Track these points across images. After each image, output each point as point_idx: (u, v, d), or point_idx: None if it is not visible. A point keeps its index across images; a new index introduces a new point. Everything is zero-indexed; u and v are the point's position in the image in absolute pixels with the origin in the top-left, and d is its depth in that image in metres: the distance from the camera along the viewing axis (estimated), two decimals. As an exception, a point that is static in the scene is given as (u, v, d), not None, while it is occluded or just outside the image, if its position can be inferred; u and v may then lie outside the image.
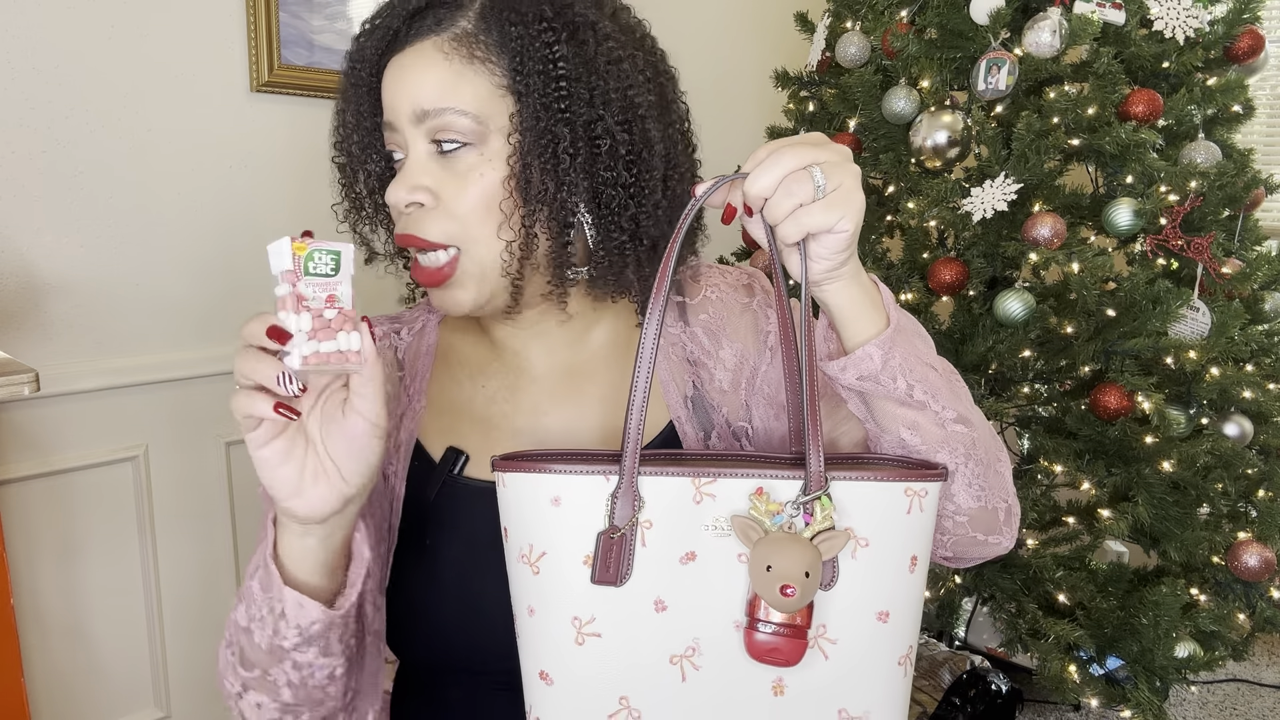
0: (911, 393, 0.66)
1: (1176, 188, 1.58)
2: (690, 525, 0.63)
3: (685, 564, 0.63)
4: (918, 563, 0.65)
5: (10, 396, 1.14)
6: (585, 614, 0.64)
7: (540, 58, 0.67)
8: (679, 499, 0.63)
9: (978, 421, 0.70)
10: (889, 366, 0.65)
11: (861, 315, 0.65)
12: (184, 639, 1.69)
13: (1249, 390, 1.57)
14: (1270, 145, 2.49)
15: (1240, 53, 1.70)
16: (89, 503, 1.55)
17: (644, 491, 0.63)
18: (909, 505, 0.64)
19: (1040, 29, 1.58)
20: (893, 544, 0.64)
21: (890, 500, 0.64)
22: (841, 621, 0.64)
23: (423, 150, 0.69)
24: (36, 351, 1.46)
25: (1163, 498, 1.60)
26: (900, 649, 0.65)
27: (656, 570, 0.63)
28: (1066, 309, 1.63)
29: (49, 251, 1.47)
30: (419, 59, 0.68)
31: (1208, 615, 1.61)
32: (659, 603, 0.63)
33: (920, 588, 0.66)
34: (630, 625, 0.63)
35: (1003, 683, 1.87)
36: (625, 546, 0.63)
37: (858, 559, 0.63)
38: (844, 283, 0.63)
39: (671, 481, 0.63)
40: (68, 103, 1.45)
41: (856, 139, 1.83)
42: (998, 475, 0.71)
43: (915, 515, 0.64)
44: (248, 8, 1.59)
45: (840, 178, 0.59)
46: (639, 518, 0.63)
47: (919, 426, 0.67)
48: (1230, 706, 2.14)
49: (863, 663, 0.64)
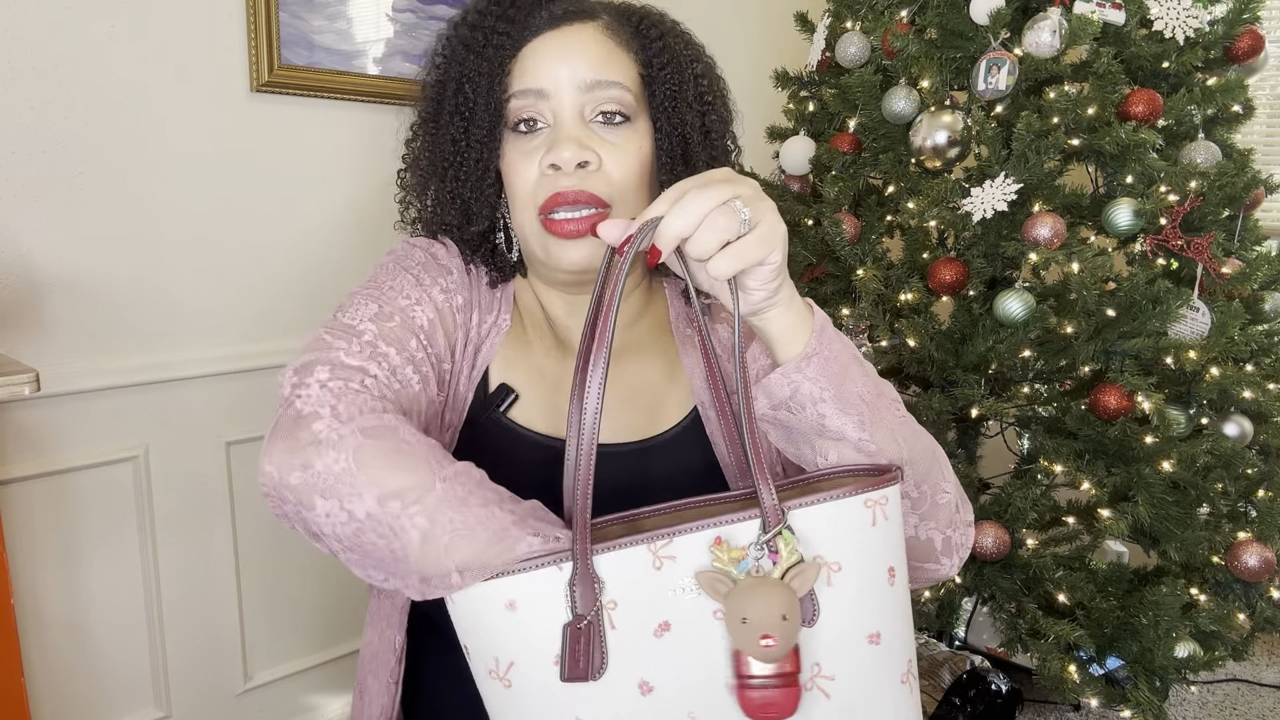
0: (824, 422, 0.65)
1: (1176, 188, 1.58)
2: (657, 594, 0.59)
3: (661, 636, 0.59)
4: (896, 573, 0.62)
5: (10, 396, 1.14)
6: (570, 715, 0.60)
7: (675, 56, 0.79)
8: (640, 570, 0.59)
9: (911, 454, 0.68)
10: (799, 395, 0.64)
11: (791, 340, 0.66)
12: (184, 639, 1.69)
13: (1249, 390, 1.57)
14: (1270, 145, 2.49)
15: (1240, 53, 1.70)
16: (89, 503, 1.55)
17: (602, 571, 0.59)
18: (872, 517, 0.61)
19: (1040, 29, 1.58)
20: (866, 561, 0.61)
21: (852, 517, 0.60)
22: (833, 655, 0.60)
23: (577, 116, 0.75)
24: (36, 351, 1.46)
25: (1163, 498, 1.60)
26: (899, 667, 0.62)
27: (632, 651, 0.59)
28: (1066, 309, 1.63)
29: (49, 251, 1.47)
30: (582, 36, 0.76)
31: (1208, 615, 1.61)
32: (644, 685, 0.59)
33: (905, 598, 0.63)
34: (619, 717, 0.59)
35: (1003, 683, 1.87)
36: (594, 634, 0.59)
37: (834, 586, 0.60)
38: (780, 309, 0.65)
39: (628, 554, 0.59)
40: (68, 103, 1.45)
41: (856, 139, 1.83)
42: (935, 506, 0.70)
43: (881, 525, 0.61)
44: (248, 8, 1.59)
45: (762, 210, 0.60)
46: (602, 600, 0.59)
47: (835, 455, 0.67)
48: (1230, 706, 2.14)
49: (866, 692, 0.61)
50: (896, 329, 1.70)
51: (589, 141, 0.74)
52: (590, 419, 0.59)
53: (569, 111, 0.75)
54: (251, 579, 1.77)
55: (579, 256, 0.75)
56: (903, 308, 1.70)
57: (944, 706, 1.83)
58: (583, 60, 0.75)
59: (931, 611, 1.71)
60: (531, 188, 0.76)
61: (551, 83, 0.75)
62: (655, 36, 0.80)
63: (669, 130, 0.78)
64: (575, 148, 0.73)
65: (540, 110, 0.76)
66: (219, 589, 1.73)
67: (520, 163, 0.76)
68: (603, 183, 0.75)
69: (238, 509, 1.73)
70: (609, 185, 0.75)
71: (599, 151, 0.75)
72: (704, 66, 0.83)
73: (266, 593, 1.80)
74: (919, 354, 1.69)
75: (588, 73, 0.75)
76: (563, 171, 0.74)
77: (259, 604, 1.79)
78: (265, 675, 1.82)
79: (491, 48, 0.76)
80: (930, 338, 1.66)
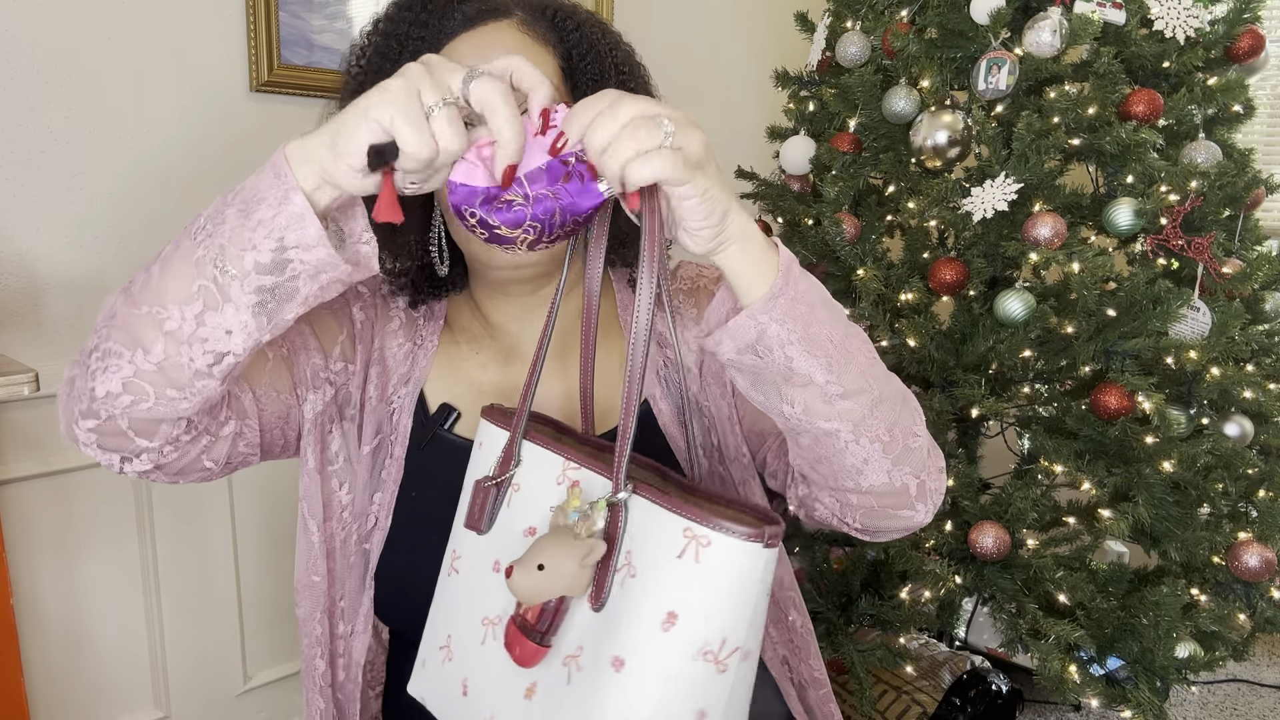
0: (791, 365, 0.62)
1: (1177, 188, 1.58)
2: (542, 502, 0.65)
3: (527, 536, 0.65)
4: (676, 622, 0.54)
5: (10, 396, 1.14)
6: (458, 549, 0.70)
7: (594, 47, 0.78)
8: (546, 474, 0.66)
9: (881, 393, 0.67)
10: (765, 337, 0.62)
11: (757, 280, 0.62)
12: (184, 639, 1.69)
13: (1249, 390, 1.57)
14: (1271, 145, 2.49)
15: (1241, 52, 1.70)
16: (89, 503, 1.55)
17: (524, 453, 0.67)
18: (682, 548, 0.55)
19: (1040, 29, 1.58)
20: (652, 585, 0.56)
21: (663, 535, 0.56)
22: (592, 650, 0.58)
23: None
24: (36, 351, 1.46)
25: (1163, 498, 1.59)
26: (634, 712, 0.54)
27: (504, 533, 0.66)
28: (1067, 309, 1.63)
29: (49, 251, 1.47)
30: (499, 35, 0.74)
31: (1208, 615, 1.61)
32: (497, 564, 0.66)
33: (683, 660, 0.54)
34: (473, 575, 0.67)
35: (1003, 683, 1.87)
36: (492, 499, 0.67)
37: (625, 589, 0.57)
38: (736, 246, 0.61)
39: (547, 456, 0.66)
40: (68, 103, 1.45)
41: (856, 139, 1.83)
42: (907, 450, 0.69)
43: (688, 565, 0.55)
44: (248, 8, 1.59)
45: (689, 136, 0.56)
46: (512, 476, 0.67)
47: (801, 401, 0.65)
48: (1231, 707, 2.14)
49: (589, 705, 0.56)
50: (896, 329, 1.70)
51: None
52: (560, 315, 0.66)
53: None
54: (251, 579, 1.77)
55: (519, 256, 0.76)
56: (903, 308, 1.70)
57: (944, 707, 1.83)
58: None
59: (932, 611, 1.71)
60: None
61: None
62: (572, 28, 0.78)
63: None
64: None
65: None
66: (219, 589, 1.73)
67: None
68: None
69: (238, 509, 1.73)
70: None
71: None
72: (623, 54, 0.81)
73: (266, 593, 1.80)
74: (919, 354, 1.69)
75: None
76: None
77: (259, 604, 1.79)
78: (265, 675, 1.82)
79: (408, 54, 0.74)
80: (930, 338, 1.66)
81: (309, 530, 0.80)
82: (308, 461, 0.79)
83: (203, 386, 0.62)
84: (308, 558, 0.80)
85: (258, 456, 0.78)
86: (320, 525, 0.80)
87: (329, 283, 0.60)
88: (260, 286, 0.58)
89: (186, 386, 0.62)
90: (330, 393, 0.80)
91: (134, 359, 0.61)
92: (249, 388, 0.74)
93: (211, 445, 0.71)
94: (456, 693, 0.66)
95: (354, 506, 0.80)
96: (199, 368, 0.61)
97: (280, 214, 0.56)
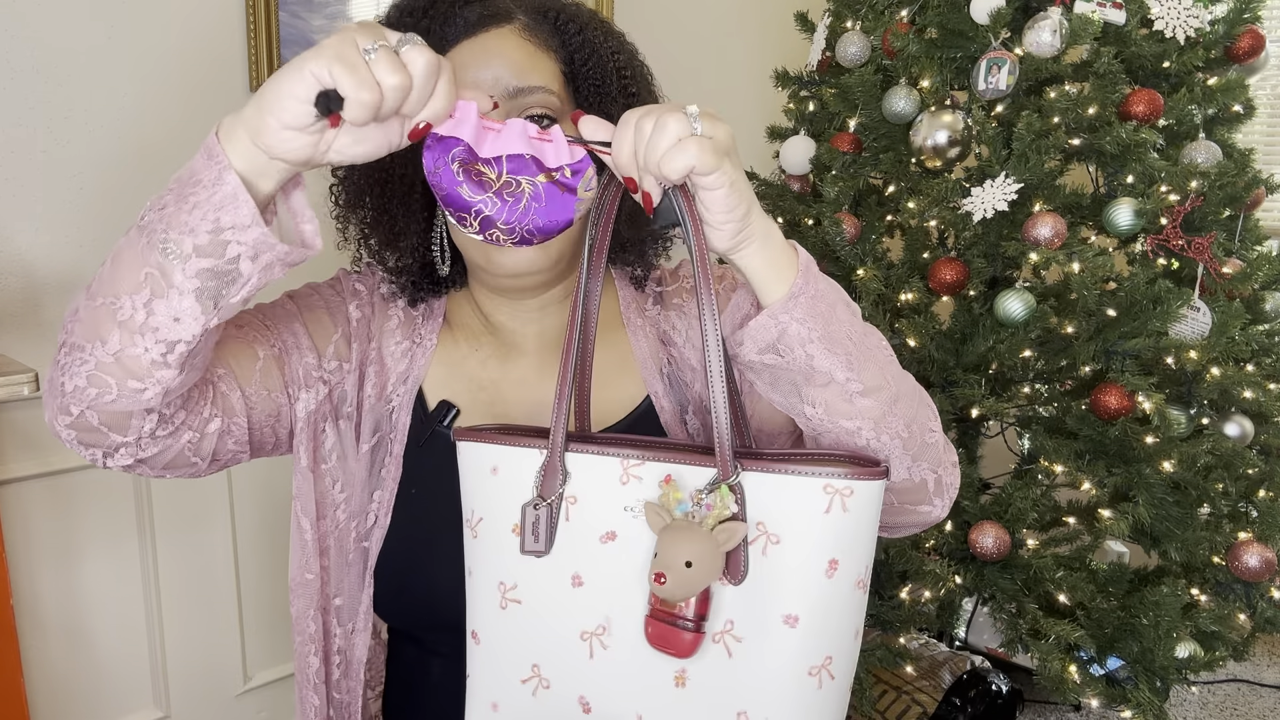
0: (812, 363, 0.63)
1: (1177, 188, 1.58)
2: (613, 505, 0.64)
3: (605, 543, 0.64)
4: (839, 568, 0.60)
5: (10, 396, 1.14)
6: (510, 580, 0.67)
7: (596, 51, 0.77)
8: (605, 478, 0.64)
9: (898, 389, 0.67)
10: (786, 337, 0.62)
11: (776, 280, 0.63)
12: (184, 639, 1.69)
13: (1249, 390, 1.57)
14: (1271, 145, 2.49)
15: (1241, 52, 1.70)
16: (89, 503, 1.55)
17: (571, 467, 0.65)
18: (828, 504, 0.59)
19: (1041, 29, 1.58)
20: (806, 543, 0.60)
21: (804, 496, 0.60)
22: (747, 620, 0.61)
23: None
24: (36, 351, 1.46)
25: (1163, 498, 1.59)
26: (812, 659, 0.60)
27: (577, 546, 0.65)
28: (1067, 309, 1.63)
29: (49, 251, 1.47)
30: (501, 41, 0.74)
31: (1208, 615, 1.61)
32: (576, 578, 0.65)
33: (846, 595, 0.61)
34: (547, 596, 0.65)
35: (1003, 683, 1.87)
36: (548, 519, 0.65)
37: (768, 556, 0.60)
38: (757, 244, 0.62)
39: (599, 460, 0.65)
40: (68, 103, 1.45)
41: (856, 139, 1.83)
42: (925, 446, 0.69)
43: (836, 515, 0.59)
44: (248, 8, 1.59)
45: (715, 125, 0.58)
46: (564, 492, 0.65)
47: (822, 401, 0.65)
48: (1231, 707, 2.14)
49: (766, 667, 0.60)
50: (897, 329, 1.70)
51: None
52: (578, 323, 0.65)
53: None
54: (251, 579, 1.77)
55: (520, 261, 0.75)
56: (903, 308, 1.70)
57: (944, 706, 1.83)
58: (504, 66, 0.73)
59: (932, 612, 1.71)
60: None
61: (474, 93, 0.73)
62: (574, 32, 0.78)
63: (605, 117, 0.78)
64: None
65: None
66: (219, 589, 1.73)
67: None
68: None
69: (237, 509, 1.73)
70: None
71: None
72: (626, 57, 0.81)
73: (266, 593, 1.80)
74: (919, 354, 1.69)
75: (511, 79, 0.73)
76: None
77: (259, 604, 1.79)
78: (265, 675, 1.82)
79: None
80: (930, 338, 1.66)
81: (302, 528, 0.80)
82: (300, 460, 0.79)
83: (161, 376, 0.62)
84: (301, 555, 0.80)
85: (247, 454, 0.78)
86: (314, 523, 0.80)
87: (271, 263, 0.60)
88: (201, 269, 0.58)
89: (145, 376, 0.62)
90: (324, 391, 0.80)
91: (94, 351, 0.61)
92: (238, 386, 0.74)
93: (197, 441, 0.71)
94: (575, 712, 0.66)
95: (350, 505, 0.80)
96: (154, 357, 0.61)
97: (214, 194, 0.56)
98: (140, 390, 0.63)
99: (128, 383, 0.62)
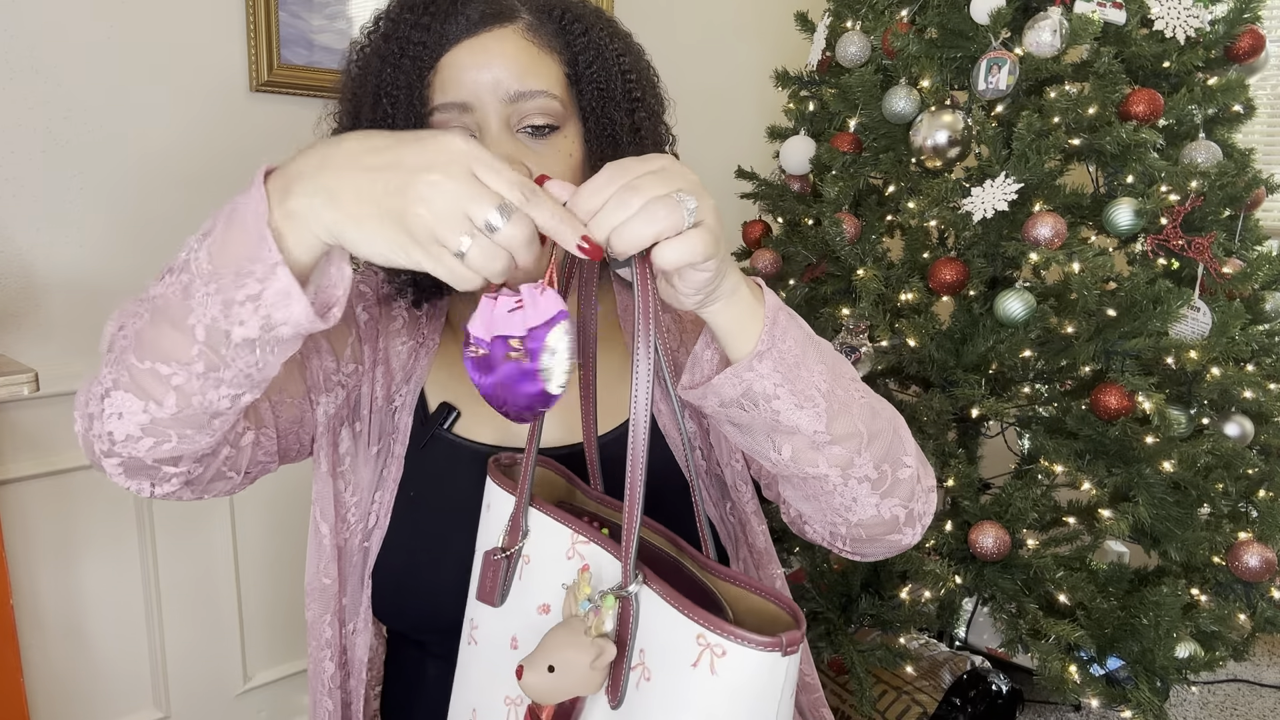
0: (778, 418, 0.61)
1: (1177, 187, 1.58)
2: (554, 577, 0.61)
3: (540, 614, 0.62)
4: None
5: (10, 396, 1.14)
6: (475, 618, 0.67)
7: (601, 52, 0.76)
8: (555, 547, 0.62)
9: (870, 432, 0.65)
10: (752, 393, 0.60)
11: (741, 335, 0.60)
12: (184, 639, 1.69)
13: (1250, 390, 1.57)
14: (1271, 145, 2.49)
15: (1241, 52, 1.70)
16: (89, 503, 1.55)
17: (532, 525, 0.63)
18: (696, 657, 0.51)
19: (1041, 28, 1.58)
20: (670, 694, 0.53)
21: (677, 641, 0.52)
22: None
23: (503, 128, 0.72)
24: (36, 351, 1.46)
25: (1163, 498, 1.59)
26: None
27: (518, 609, 0.63)
28: (1067, 309, 1.63)
29: (49, 251, 1.47)
30: (504, 43, 0.72)
31: (1208, 615, 1.60)
32: (514, 640, 0.63)
33: None
34: (491, 649, 0.64)
35: (1003, 683, 1.87)
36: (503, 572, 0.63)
37: (640, 691, 0.54)
38: (722, 303, 0.59)
39: (554, 527, 0.62)
40: (67, 103, 1.45)
41: (856, 139, 1.83)
42: (896, 483, 0.68)
43: (702, 675, 0.51)
44: (248, 7, 1.59)
45: (706, 208, 0.54)
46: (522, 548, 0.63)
47: (789, 448, 0.64)
48: (1231, 707, 2.14)
49: None
50: (896, 329, 1.70)
51: (518, 156, 0.72)
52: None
53: (495, 124, 0.72)
54: (251, 579, 1.77)
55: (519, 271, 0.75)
56: (903, 308, 1.70)
57: (944, 707, 1.83)
58: (505, 70, 0.71)
59: (932, 612, 1.71)
60: None
61: (474, 95, 0.71)
62: (580, 32, 0.75)
63: (598, 132, 0.76)
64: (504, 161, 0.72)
65: (465, 123, 0.72)
66: (219, 589, 1.73)
67: None
68: None
69: (238, 509, 1.73)
70: None
71: (529, 166, 0.69)
72: (632, 59, 0.79)
73: (266, 593, 1.80)
74: (919, 354, 1.69)
75: (512, 83, 0.71)
76: None
77: (259, 604, 1.79)
78: (265, 675, 1.82)
79: (408, 59, 0.72)
80: (930, 338, 1.66)
81: (320, 533, 0.79)
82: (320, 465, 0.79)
83: (221, 424, 0.62)
84: (318, 560, 0.80)
85: (276, 463, 0.77)
86: (332, 528, 0.79)
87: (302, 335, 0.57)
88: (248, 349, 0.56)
89: (204, 427, 0.61)
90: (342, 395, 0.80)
91: (148, 409, 0.59)
92: (264, 395, 0.74)
93: (234, 456, 0.70)
94: None
95: (359, 508, 0.80)
96: (217, 409, 0.59)
97: (267, 289, 0.52)
98: (198, 437, 0.61)
99: (186, 432, 0.61)
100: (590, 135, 0.76)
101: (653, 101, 0.81)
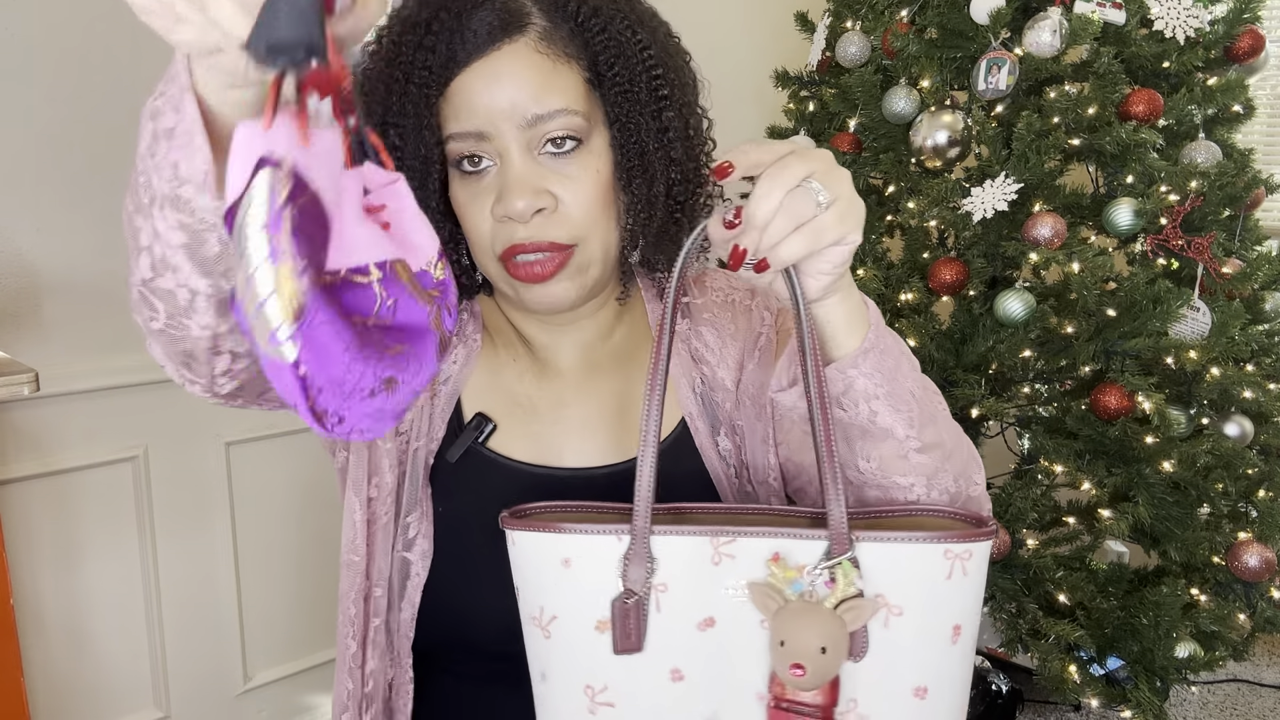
0: (875, 419, 0.61)
1: (1177, 187, 1.58)
2: (709, 588, 0.59)
3: (704, 630, 0.59)
4: (962, 632, 0.58)
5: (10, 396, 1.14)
6: (598, 682, 0.61)
7: (623, 50, 0.69)
8: (695, 560, 0.59)
9: (952, 444, 0.66)
10: (853, 391, 0.60)
11: (849, 334, 0.60)
12: (184, 639, 1.69)
13: (1249, 390, 1.57)
14: (1270, 145, 2.49)
15: (1240, 52, 1.70)
16: (89, 503, 1.55)
17: (658, 552, 0.59)
18: (949, 569, 0.57)
19: (1040, 29, 1.58)
20: (930, 613, 0.57)
21: (927, 564, 0.57)
22: (873, 697, 0.58)
23: (524, 154, 0.67)
24: (36, 351, 1.46)
25: (1163, 498, 1.59)
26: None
27: (672, 637, 0.59)
28: (1067, 309, 1.63)
29: (49, 251, 1.47)
30: (516, 61, 0.66)
31: (1208, 615, 1.61)
32: (675, 672, 0.60)
33: (966, 659, 0.60)
34: (645, 696, 0.60)
35: (1003, 683, 1.87)
36: (639, 612, 0.59)
37: (890, 628, 0.57)
38: (841, 295, 0.59)
39: (687, 541, 0.59)
40: (68, 103, 1.45)
41: (856, 139, 1.83)
42: (968, 500, 0.68)
43: (958, 580, 0.57)
44: (248, 8, 1.59)
45: (838, 186, 0.54)
46: (653, 581, 0.59)
47: (876, 456, 0.63)
48: (1231, 707, 2.14)
49: None
50: (897, 329, 1.70)
51: (542, 182, 0.67)
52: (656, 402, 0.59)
53: (514, 150, 0.67)
54: (251, 579, 1.77)
55: (552, 298, 0.70)
56: (903, 308, 1.70)
57: (944, 707, 1.83)
58: (520, 91, 0.66)
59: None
60: (487, 235, 0.70)
61: (489, 122, 0.67)
62: (598, 30, 0.69)
63: (624, 141, 0.71)
64: (529, 195, 0.66)
65: (483, 149, 0.68)
66: (219, 589, 1.73)
67: (470, 206, 0.69)
68: (563, 226, 0.68)
69: (237, 509, 1.73)
70: (570, 226, 0.68)
71: (554, 190, 0.68)
72: (657, 50, 0.72)
73: (266, 593, 1.80)
74: (919, 354, 1.69)
75: (529, 105, 0.66)
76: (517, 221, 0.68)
77: (259, 604, 1.79)
78: (265, 675, 1.82)
79: (414, 85, 0.67)
80: (930, 338, 1.66)
81: (352, 508, 0.76)
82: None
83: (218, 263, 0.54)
84: (350, 534, 0.76)
85: None
86: (364, 504, 0.76)
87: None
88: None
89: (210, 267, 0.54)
90: None
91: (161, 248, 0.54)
92: None
93: None
94: None
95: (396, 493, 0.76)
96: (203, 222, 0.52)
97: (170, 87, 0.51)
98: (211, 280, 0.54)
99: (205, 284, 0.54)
100: (616, 142, 0.71)
101: (680, 94, 0.75)
